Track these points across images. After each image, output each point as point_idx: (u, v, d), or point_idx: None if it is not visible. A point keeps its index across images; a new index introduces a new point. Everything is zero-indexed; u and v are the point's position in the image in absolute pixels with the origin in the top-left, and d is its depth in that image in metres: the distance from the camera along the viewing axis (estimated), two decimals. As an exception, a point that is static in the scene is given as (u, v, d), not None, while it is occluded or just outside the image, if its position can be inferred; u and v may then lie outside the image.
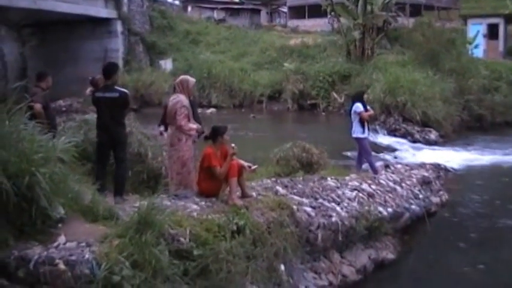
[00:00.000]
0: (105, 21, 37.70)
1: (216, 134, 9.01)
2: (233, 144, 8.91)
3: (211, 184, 8.92)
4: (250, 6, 62.48)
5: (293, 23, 55.39)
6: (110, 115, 9.27)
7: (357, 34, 35.16)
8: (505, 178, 17.90)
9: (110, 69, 9.57)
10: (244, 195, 9.04)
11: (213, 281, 6.91)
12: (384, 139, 22.72)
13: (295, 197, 9.83)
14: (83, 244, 6.01)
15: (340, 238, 9.60)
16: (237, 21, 56.92)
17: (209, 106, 34.22)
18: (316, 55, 39.05)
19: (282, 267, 8.27)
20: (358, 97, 14.28)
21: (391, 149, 21.04)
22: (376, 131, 22.56)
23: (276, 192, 9.89)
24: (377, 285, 9.76)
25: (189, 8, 60.51)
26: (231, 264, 7.18)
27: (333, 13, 38.68)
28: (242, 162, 9.09)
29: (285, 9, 61.46)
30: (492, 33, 40.23)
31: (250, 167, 9.26)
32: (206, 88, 35.64)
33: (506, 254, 11.14)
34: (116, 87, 9.41)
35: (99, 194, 7.94)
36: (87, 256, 5.74)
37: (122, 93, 9.36)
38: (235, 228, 7.75)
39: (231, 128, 10.42)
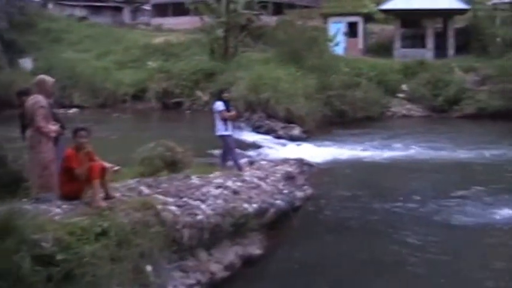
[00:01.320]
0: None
1: (73, 135, 8.88)
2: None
3: (73, 186, 8.78)
4: (113, 4, 61.42)
5: (157, 21, 55.06)
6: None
7: (220, 32, 35.54)
8: (366, 171, 18.90)
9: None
10: (107, 197, 8.98)
11: (78, 285, 6.85)
12: (248, 136, 23.13)
13: (160, 197, 9.85)
14: None
15: (206, 236, 9.71)
16: (99, 19, 55.79)
17: (71, 106, 33.23)
18: (180, 53, 39.08)
19: (149, 268, 8.27)
20: (220, 95, 14.47)
21: (255, 146, 21.45)
22: (240, 128, 22.92)
23: (140, 193, 9.90)
24: (245, 281, 9.97)
25: (50, 5, 58.48)
26: (95, 267, 7.12)
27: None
28: (105, 163, 9.00)
29: (148, 7, 60.92)
30: (352, 31, 42.06)
31: (113, 168, 9.19)
32: (68, 88, 34.58)
33: (369, 243, 11.83)
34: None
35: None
36: None
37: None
38: (99, 230, 7.68)
39: (95, 129, 10.29)
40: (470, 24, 42.49)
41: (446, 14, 41.35)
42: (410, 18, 42.13)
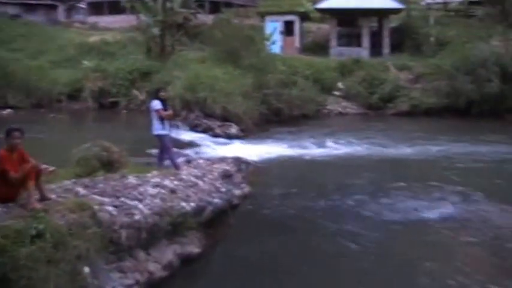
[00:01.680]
0: None
1: (6, 136, 8.75)
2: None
3: (6, 189, 8.64)
4: (47, 2, 60.12)
5: (92, 19, 54.32)
6: None
7: (156, 31, 35.42)
8: (302, 168, 19.20)
9: None
10: (43, 199, 8.87)
11: (14, 289, 6.78)
12: (185, 135, 23.18)
13: (97, 197, 9.80)
14: None
15: (144, 236, 9.71)
16: (33, 17, 54.45)
17: (5, 107, 32.50)
18: (116, 52, 38.73)
19: (86, 269, 8.22)
20: (156, 94, 14.44)
21: (193, 145, 21.54)
22: (177, 127, 22.89)
23: (77, 194, 9.82)
24: (184, 280, 10.00)
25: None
26: (31, 270, 7.06)
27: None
28: (40, 164, 8.91)
29: (83, 5, 59.97)
30: (288, 30, 42.49)
31: (48, 169, 9.10)
32: (1, 88, 33.82)
33: (305, 240, 12.07)
34: None
35: None
36: None
37: None
38: (34, 233, 7.60)
39: (30, 130, 10.16)
40: (404, 23, 43.58)
41: (382, 14, 42.25)
42: (346, 17, 42.82)
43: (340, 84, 34.94)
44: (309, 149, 22.04)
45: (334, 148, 22.32)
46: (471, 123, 29.88)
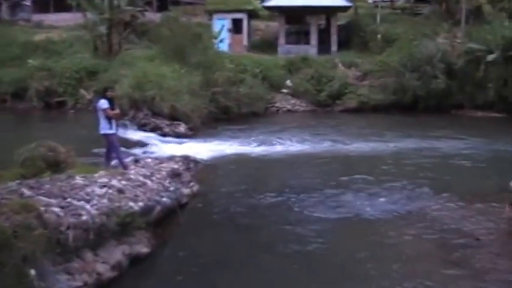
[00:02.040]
0: None
1: None
2: None
3: None
4: (-10, -1, 58.85)
5: (37, 17, 53.27)
6: None
7: (103, 29, 35.03)
8: (251, 166, 19.32)
9: None
10: (-14, 200, 8.75)
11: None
12: (133, 134, 23.01)
13: (43, 198, 9.70)
14: None
15: (92, 236, 9.65)
16: (-26, 15, 53.32)
17: None
18: (62, 51, 38.06)
19: (33, 272, 8.12)
20: (103, 93, 14.33)
21: (141, 144, 21.40)
22: (125, 126, 22.74)
23: (22, 195, 9.69)
24: (133, 280, 9.97)
25: None
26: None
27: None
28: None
29: (28, 2, 58.76)
30: (237, 27, 42.52)
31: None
32: None
33: (253, 237, 12.20)
34: None
35: None
36: None
37: None
38: (-23, 235, 7.50)
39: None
40: (352, 21, 44.24)
41: (329, 11, 42.71)
42: (294, 15, 43.12)
43: (288, 82, 35.18)
44: (258, 146, 22.20)
45: (283, 145, 22.52)
46: (418, 119, 30.55)
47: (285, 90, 35.03)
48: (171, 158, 16.59)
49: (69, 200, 9.99)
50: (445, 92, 32.55)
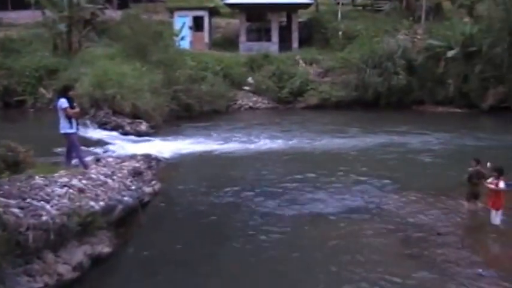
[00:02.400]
0: None
1: None
2: None
3: None
4: None
5: (-4, 15, 52.38)
6: None
7: (63, 27, 34.64)
8: (213, 164, 19.35)
9: None
10: None
11: None
12: (94, 133, 22.83)
13: (1, 199, 9.54)
14: None
15: (52, 237, 9.52)
16: None
17: None
18: (21, 49, 37.42)
19: (-8, 274, 8.05)
20: (63, 92, 14.19)
21: (102, 143, 21.23)
22: (86, 125, 22.55)
23: (-20, 196, 9.55)
24: (95, 281, 9.92)
25: None
26: None
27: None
28: None
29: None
30: (198, 25, 42.40)
31: None
32: None
33: (214, 235, 12.19)
34: None
35: None
36: None
37: None
38: None
39: None
40: (313, 18, 44.37)
41: (291, 8, 42.87)
42: (255, 12, 43.15)
43: (250, 79, 35.29)
44: (220, 144, 22.22)
45: (245, 143, 22.56)
46: (379, 115, 30.92)
47: (246, 88, 35.13)
48: (132, 157, 16.54)
49: (28, 200, 9.86)
50: (406, 88, 33.06)
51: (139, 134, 23.54)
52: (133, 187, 13.25)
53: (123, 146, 21.04)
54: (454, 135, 24.16)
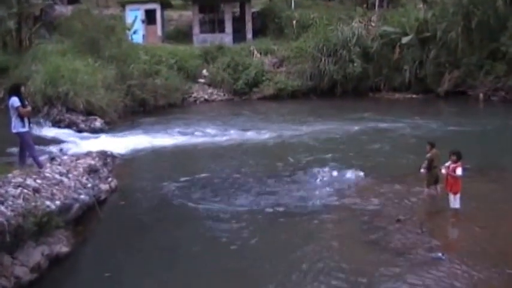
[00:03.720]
0: None
1: None
2: None
3: None
4: None
5: None
6: None
7: (12, 24, 34.01)
8: (169, 157, 19.36)
9: None
10: None
11: None
12: (48, 131, 22.48)
13: (-47, 202, 9.46)
14: None
15: (8, 239, 9.41)
16: None
17: None
18: (-31, 48, 36.78)
19: None
20: (14, 91, 13.99)
21: (56, 141, 20.90)
22: (39, 124, 22.25)
23: None
24: (53, 281, 9.85)
25: None
26: None
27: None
28: None
29: None
30: (150, 18, 42.14)
31: None
32: None
33: (170, 231, 12.16)
34: None
35: None
36: None
37: None
38: None
39: None
40: (266, 7, 44.40)
41: (243, -2, 42.79)
42: (208, 4, 43.12)
43: (205, 72, 35.36)
44: (175, 138, 22.21)
45: (201, 136, 22.60)
46: (336, 103, 31.28)
47: (201, 80, 35.18)
48: (87, 154, 16.41)
49: (-19, 202, 9.77)
50: (362, 76, 33.48)
51: (94, 130, 23.32)
52: (89, 185, 13.20)
53: (78, 143, 20.81)
54: (411, 121, 24.52)
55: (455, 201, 12.24)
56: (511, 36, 30.11)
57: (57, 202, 11.13)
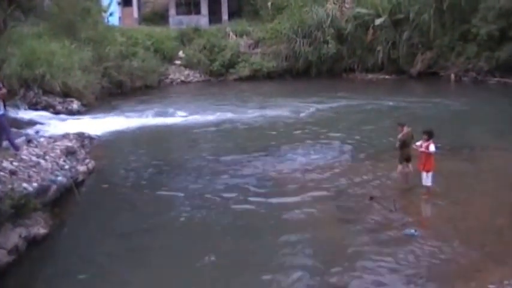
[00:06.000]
0: None
1: None
2: None
3: None
4: None
5: None
6: None
7: (-14, 7, 33.50)
8: (145, 138, 19.35)
9: None
10: None
11: None
12: (25, 114, 22.12)
13: None
14: None
15: (-15, 221, 9.37)
16: None
17: None
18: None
19: None
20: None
21: (33, 123, 20.65)
22: (16, 106, 21.93)
23: None
24: (32, 262, 9.78)
25: None
26: None
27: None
28: None
29: None
30: (126, 0, 41.61)
31: None
32: None
33: (154, 211, 12.13)
34: None
35: None
36: None
37: None
38: None
39: None
40: (242, -12, 44.07)
41: (219, -20, 42.45)
42: (183, -15, 42.67)
43: (181, 53, 35.18)
44: (152, 119, 22.14)
45: (177, 117, 22.50)
46: (311, 84, 31.31)
47: (178, 62, 35.01)
48: (65, 136, 16.27)
49: (-42, 185, 9.65)
50: (336, 57, 33.52)
51: (71, 112, 23.11)
52: (66, 166, 13.10)
53: (55, 125, 20.60)
54: (384, 101, 24.68)
55: (427, 179, 12.30)
56: (481, 18, 30.25)
57: (34, 184, 11.06)
